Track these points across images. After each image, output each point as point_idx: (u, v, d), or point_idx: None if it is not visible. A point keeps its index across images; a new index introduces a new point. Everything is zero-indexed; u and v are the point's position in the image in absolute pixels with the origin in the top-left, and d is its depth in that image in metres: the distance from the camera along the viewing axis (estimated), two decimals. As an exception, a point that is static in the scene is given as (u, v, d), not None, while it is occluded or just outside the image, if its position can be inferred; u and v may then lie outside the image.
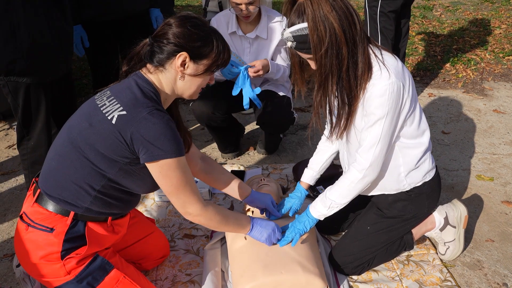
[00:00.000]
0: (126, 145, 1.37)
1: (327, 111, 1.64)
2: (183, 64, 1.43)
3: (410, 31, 4.77)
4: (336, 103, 1.61)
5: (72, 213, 1.44)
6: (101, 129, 1.38)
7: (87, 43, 2.49)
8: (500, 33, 4.74)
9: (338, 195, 1.69)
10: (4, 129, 3.19)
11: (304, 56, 1.55)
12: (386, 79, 1.49)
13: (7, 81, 2.02)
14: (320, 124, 1.69)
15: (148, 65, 1.47)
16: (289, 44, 1.52)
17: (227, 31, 2.45)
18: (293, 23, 1.48)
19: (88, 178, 1.43)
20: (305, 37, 1.46)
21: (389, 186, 1.77)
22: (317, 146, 1.98)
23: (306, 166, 2.01)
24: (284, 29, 1.52)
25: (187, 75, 1.46)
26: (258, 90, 2.29)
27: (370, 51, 1.54)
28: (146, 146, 1.35)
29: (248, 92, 2.28)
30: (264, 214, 1.96)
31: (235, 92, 2.30)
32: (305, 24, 1.44)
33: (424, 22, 5.09)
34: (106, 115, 1.38)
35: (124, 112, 1.36)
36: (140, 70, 1.49)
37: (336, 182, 1.72)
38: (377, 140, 1.57)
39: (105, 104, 1.42)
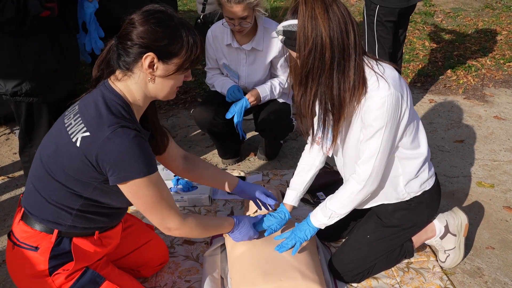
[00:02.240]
0: (94, 168, 1.32)
1: (309, 116, 1.62)
2: (151, 65, 1.32)
3: (411, 37, 4.80)
4: (318, 109, 1.60)
5: (55, 231, 1.41)
6: (67, 153, 1.33)
7: (89, 49, 2.50)
8: (501, 39, 4.74)
9: (338, 206, 1.69)
10: (5, 134, 3.19)
11: (292, 54, 1.56)
12: (384, 90, 1.48)
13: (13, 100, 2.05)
14: (302, 126, 1.68)
15: (117, 71, 1.39)
16: (279, 38, 1.53)
17: (223, 43, 2.45)
18: (287, 18, 1.50)
19: (64, 200, 1.39)
20: (293, 33, 1.47)
21: (389, 195, 1.77)
22: (298, 165, 1.92)
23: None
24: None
25: (157, 77, 1.35)
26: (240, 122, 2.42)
27: (365, 64, 1.53)
28: (112, 168, 1.29)
29: (238, 120, 2.40)
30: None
31: (228, 116, 2.40)
32: (296, 21, 1.45)
33: (425, 28, 5.09)
34: (71, 136, 1.33)
35: (88, 134, 1.30)
36: (109, 79, 1.40)
37: (336, 192, 1.72)
38: (377, 151, 1.56)
39: (71, 123, 1.36)
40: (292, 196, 1.90)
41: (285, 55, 2.43)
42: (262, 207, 1.96)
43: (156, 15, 1.32)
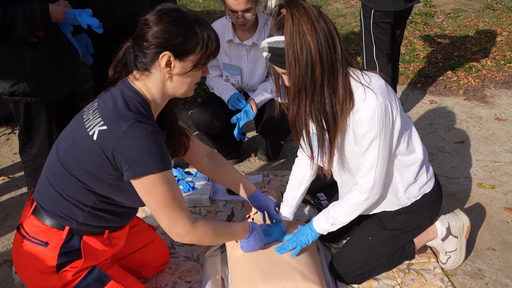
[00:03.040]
0: (109, 162, 1.32)
1: (304, 133, 1.60)
2: (168, 64, 1.34)
3: (411, 38, 4.80)
4: (313, 126, 1.57)
5: (67, 228, 1.42)
6: (84, 147, 1.34)
7: (91, 50, 2.50)
8: (502, 40, 4.74)
9: (341, 214, 1.70)
10: (5, 134, 3.19)
11: (278, 70, 1.51)
12: (372, 100, 1.47)
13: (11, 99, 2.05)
14: (298, 138, 1.65)
15: (134, 72, 1.40)
16: (264, 54, 1.49)
17: (224, 39, 2.45)
18: (272, 34, 1.45)
19: (78, 195, 1.39)
20: (280, 50, 1.42)
21: (390, 203, 1.77)
22: (290, 179, 1.93)
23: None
24: (263, 39, 1.49)
25: (175, 75, 1.37)
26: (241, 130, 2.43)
27: (350, 76, 1.51)
28: (128, 163, 1.29)
29: (239, 127, 2.41)
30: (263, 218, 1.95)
31: (233, 121, 2.41)
32: (282, 38, 1.41)
33: (426, 28, 5.09)
34: (88, 130, 1.33)
35: (105, 127, 1.30)
36: (127, 78, 1.41)
37: (340, 200, 1.73)
38: (375, 161, 1.56)
39: (89, 118, 1.37)
40: (286, 211, 1.92)
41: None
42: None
43: (170, 14, 1.33)
